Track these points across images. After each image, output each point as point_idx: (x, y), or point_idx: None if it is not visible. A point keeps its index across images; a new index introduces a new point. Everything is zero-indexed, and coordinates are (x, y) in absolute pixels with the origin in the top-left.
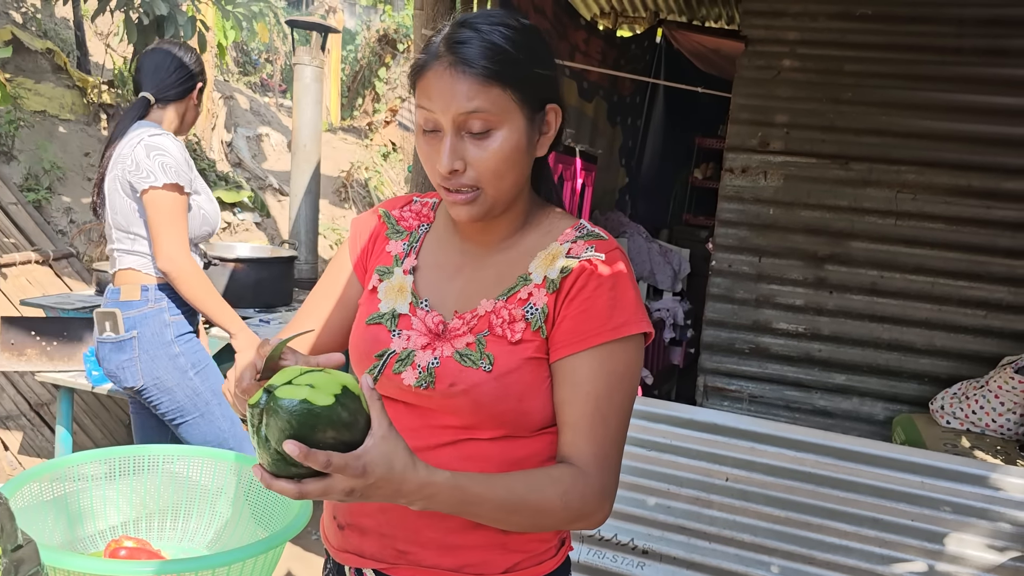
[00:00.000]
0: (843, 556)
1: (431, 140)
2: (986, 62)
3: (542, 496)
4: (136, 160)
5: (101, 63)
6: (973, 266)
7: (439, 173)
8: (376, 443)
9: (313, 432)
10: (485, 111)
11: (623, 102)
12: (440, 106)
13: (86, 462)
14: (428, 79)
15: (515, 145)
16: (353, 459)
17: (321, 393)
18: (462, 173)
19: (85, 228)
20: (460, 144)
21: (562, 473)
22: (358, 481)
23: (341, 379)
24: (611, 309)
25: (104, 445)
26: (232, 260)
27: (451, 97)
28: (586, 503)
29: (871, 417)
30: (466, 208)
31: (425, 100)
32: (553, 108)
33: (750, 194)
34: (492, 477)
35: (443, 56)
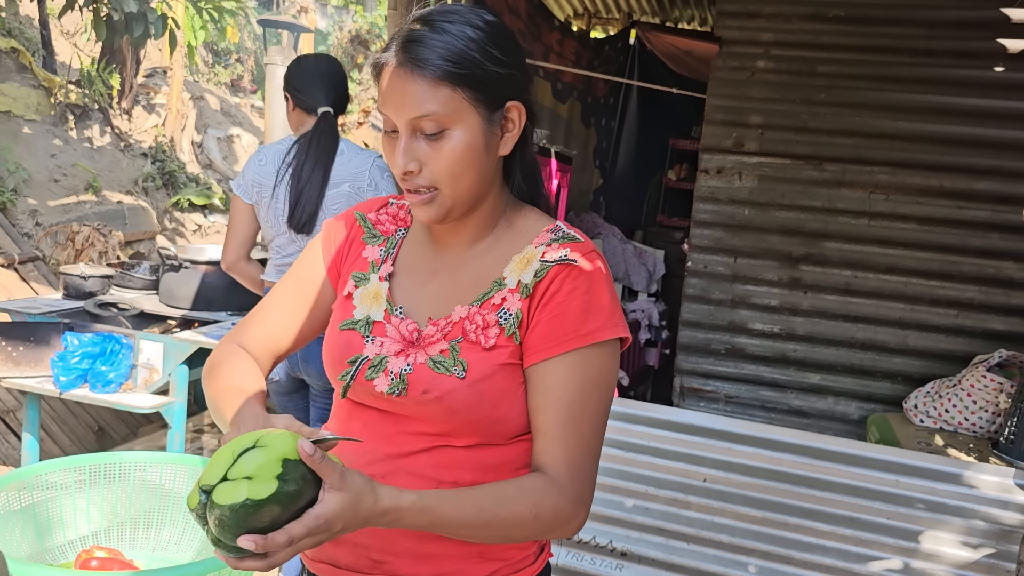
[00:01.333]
0: (820, 555)
1: (391, 140)
2: (957, 64)
3: (512, 510)
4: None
5: (68, 63)
6: (945, 266)
7: (396, 175)
8: (332, 496)
9: (264, 519)
10: (435, 113)
11: (597, 103)
12: (393, 110)
13: (55, 470)
14: (383, 80)
15: (469, 145)
16: (313, 520)
17: (261, 483)
18: (417, 174)
19: (51, 231)
20: (414, 145)
21: (533, 484)
22: (325, 535)
23: (280, 452)
24: (585, 313)
25: (73, 452)
26: (204, 262)
27: (401, 100)
28: (559, 513)
29: (846, 416)
30: (425, 208)
31: (381, 102)
32: (515, 106)
33: (725, 195)
34: (461, 494)
35: (396, 56)
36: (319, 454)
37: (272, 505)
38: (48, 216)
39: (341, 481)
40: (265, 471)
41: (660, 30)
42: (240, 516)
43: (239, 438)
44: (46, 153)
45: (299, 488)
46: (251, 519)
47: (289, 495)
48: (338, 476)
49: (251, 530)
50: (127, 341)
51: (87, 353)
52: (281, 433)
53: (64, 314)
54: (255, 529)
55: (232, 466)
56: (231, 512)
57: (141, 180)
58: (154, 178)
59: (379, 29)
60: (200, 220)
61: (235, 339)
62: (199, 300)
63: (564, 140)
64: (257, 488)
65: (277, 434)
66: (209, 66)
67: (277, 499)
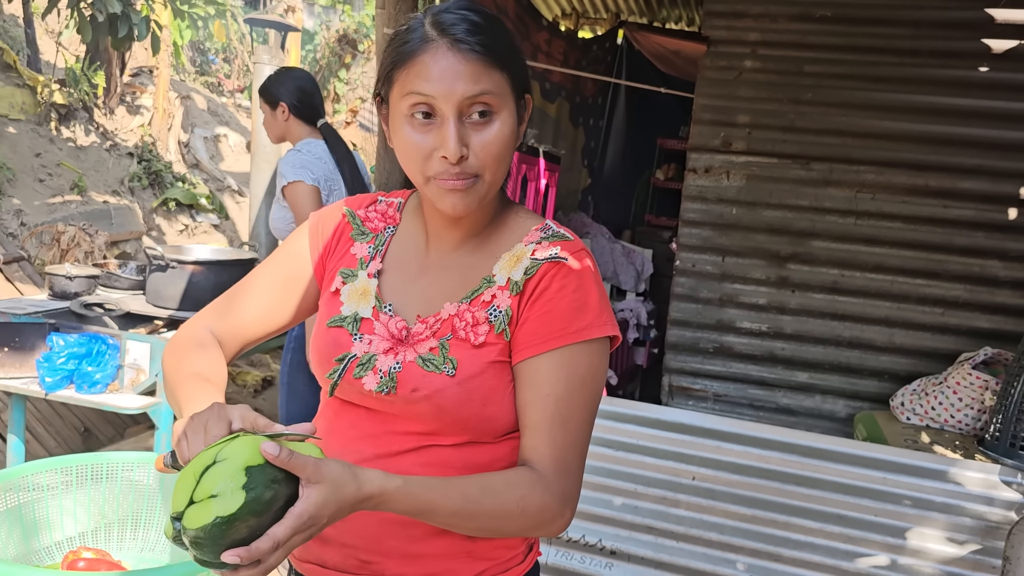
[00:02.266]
0: (809, 553)
1: (424, 128)
2: (942, 64)
3: (498, 501)
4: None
5: (52, 61)
6: (931, 264)
7: (443, 162)
8: (311, 490)
9: (242, 531)
10: (489, 93)
11: (585, 103)
12: (442, 89)
13: (41, 471)
14: (423, 63)
15: (512, 131)
16: (296, 519)
17: (227, 498)
18: (466, 160)
19: (37, 231)
20: (463, 130)
21: (520, 478)
22: (313, 529)
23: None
24: (574, 311)
25: (58, 453)
26: (191, 262)
27: (455, 79)
28: (545, 508)
29: (833, 414)
30: (462, 197)
31: (421, 84)
32: (529, 98)
33: (713, 194)
34: (448, 482)
35: (438, 39)
36: (285, 452)
37: (246, 516)
38: (33, 216)
39: (317, 473)
40: (230, 485)
41: (648, 30)
42: (215, 535)
43: (199, 456)
44: (31, 152)
45: (273, 492)
46: (228, 535)
47: (261, 502)
48: (312, 468)
49: (231, 545)
50: (113, 342)
51: (73, 354)
52: (240, 441)
53: (50, 315)
54: (235, 542)
55: (196, 487)
56: (205, 534)
57: (127, 180)
58: (140, 178)
59: (367, 28)
60: (187, 220)
61: (206, 321)
62: (186, 300)
63: (552, 140)
64: (225, 504)
65: (236, 443)
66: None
67: (249, 509)
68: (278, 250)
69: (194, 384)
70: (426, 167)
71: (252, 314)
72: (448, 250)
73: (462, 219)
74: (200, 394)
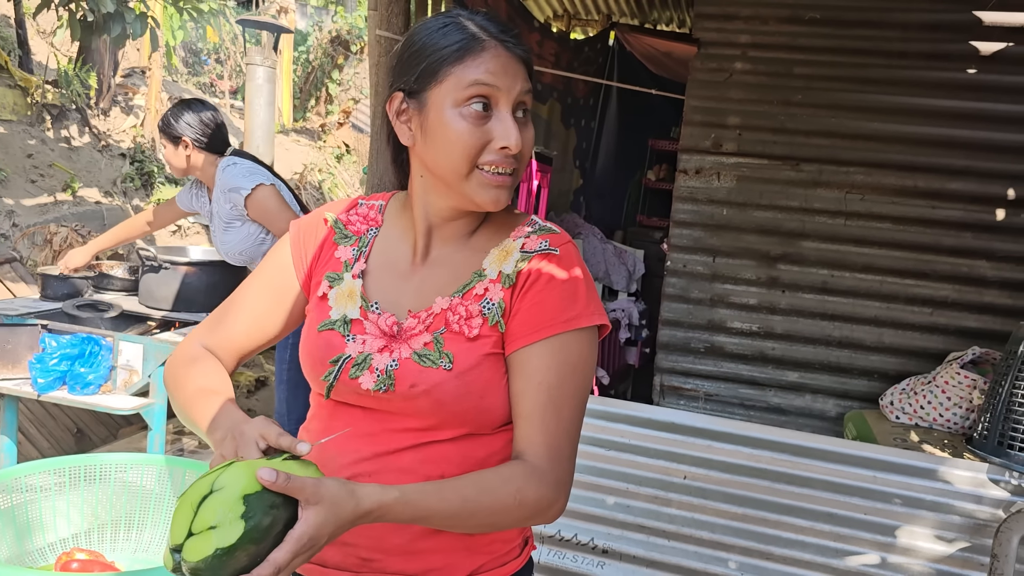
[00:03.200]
0: (799, 551)
1: (480, 119)
2: (930, 66)
3: (495, 498)
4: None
5: (44, 62)
6: (919, 265)
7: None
8: (309, 512)
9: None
10: (531, 94)
11: (577, 104)
12: (505, 83)
13: (34, 472)
14: (485, 57)
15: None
16: (295, 543)
17: (226, 529)
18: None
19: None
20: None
21: (514, 472)
22: (313, 550)
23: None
24: (564, 301)
25: (51, 455)
26: (184, 263)
27: (516, 75)
28: (541, 498)
29: (823, 414)
30: (506, 191)
31: (485, 75)
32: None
33: (704, 195)
34: (444, 486)
35: (492, 39)
36: (282, 477)
37: (245, 545)
38: (25, 217)
39: (316, 494)
40: (228, 515)
41: (639, 31)
42: (216, 566)
43: (195, 485)
44: (23, 153)
45: (272, 517)
46: (229, 565)
47: (260, 529)
48: (311, 490)
49: (233, 573)
50: (106, 342)
51: (65, 355)
52: (236, 468)
53: (42, 315)
54: (237, 571)
55: (194, 518)
56: (205, 565)
57: (119, 181)
58: (132, 179)
59: (359, 30)
60: (180, 220)
61: (200, 339)
62: (179, 301)
63: (544, 141)
64: (224, 535)
65: (232, 471)
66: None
67: (248, 538)
68: (263, 262)
69: (202, 400)
70: (477, 157)
71: (242, 327)
72: (437, 247)
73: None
74: (211, 408)
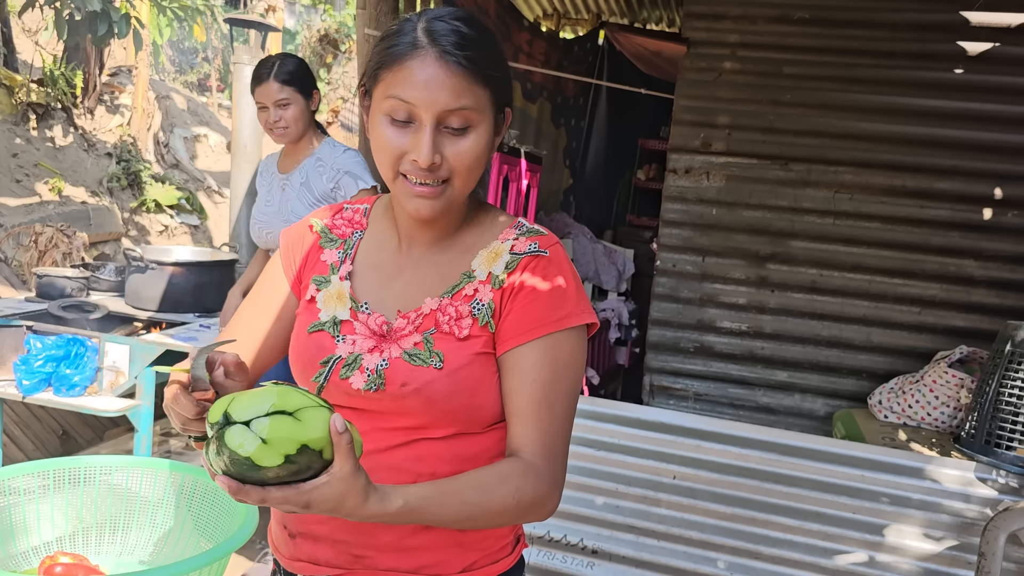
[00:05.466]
0: (788, 550)
1: (399, 130)
2: (918, 66)
3: (494, 498)
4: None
5: (30, 61)
6: (908, 264)
7: (414, 164)
8: (330, 482)
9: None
10: (469, 108)
11: (567, 103)
12: (424, 98)
13: (18, 475)
14: (409, 68)
15: (487, 144)
16: (296, 494)
17: (270, 451)
18: (439, 167)
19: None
20: (439, 138)
21: (512, 469)
22: (301, 510)
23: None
24: (555, 302)
25: (37, 457)
26: (170, 264)
27: (439, 90)
28: (538, 495)
29: (812, 413)
30: (430, 203)
31: (405, 90)
32: (508, 111)
33: (693, 194)
34: (444, 490)
35: (427, 47)
36: (348, 438)
37: (267, 472)
38: (10, 217)
39: (350, 476)
40: (282, 445)
41: (629, 31)
42: (235, 463)
43: (291, 391)
44: (8, 152)
45: (300, 469)
46: (243, 471)
47: (289, 472)
48: (350, 470)
49: (238, 478)
50: (92, 343)
51: (51, 356)
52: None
53: (27, 316)
54: (239, 478)
55: (260, 418)
56: (228, 457)
57: (106, 180)
58: (119, 178)
59: (348, 28)
60: (167, 221)
61: None
62: (166, 301)
63: (534, 140)
64: (264, 454)
65: (317, 414)
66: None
67: (274, 473)
68: (259, 281)
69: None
70: (394, 165)
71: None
72: (422, 248)
73: (431, 221)
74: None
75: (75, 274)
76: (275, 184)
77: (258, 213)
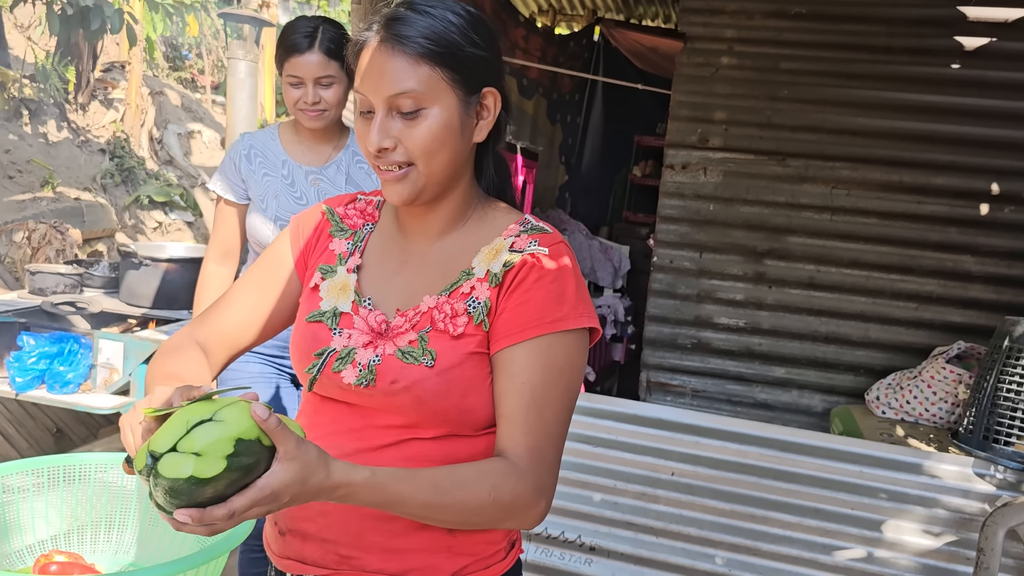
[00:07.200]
0: (787, 547)
1: (367, 121)
2: (915, 61)
3: (469, 492)
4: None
5: (22, 56)
6: (905, 260)
7: (370, 152)
8: (282, 467)
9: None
10: (413, 91)
11: (563, 100)
12: (371, 88)
13: (11, 473)
14: (363, 60)
15: (445, 124)
16: (258, 492)
17: (209, 460)
18: (392, 151)
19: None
20: (390, 123)
21: (492, 467)
22: (272, 505)
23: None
24: (551, 302)
25: (30, 455)
26: (164, 260)
27: (380, 78)
28: (518, 498)
29: (810, 409)
30: (397, 187)
31: (359, 81)
32: (491, 92)
33: (690, 190)
34: (417, 473)
35: (374, 34)
36: (274, 419)
37: (218, 482)
38: (2, 213)
39: (296, 450)
40: (216, 449)
41: (625, 27)
42: (182, 491)
43: (196, 406)
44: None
45: (250, 463)
46: (193, 494)
47: (239, 471)
48: (293, 445)
49: (193, 504)
50: (86, 341)
51: (44, 353)
52: (240, 407)
53: (20, 313)
54: (198, 503)
55: (183, 437)
56: (174, 486)
57: (99, 176)
58: (113, 174)
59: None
60: (160, 217)
61: (192, 332)
62: (160, 298)
63: (530, 136)
64: (204, 466)
65: (236, 408)
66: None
67: (223, 479)
68: (261, 256)
69: (160, 383)
70: (368, 155)
71: (236, 319)
72: (427, 244)
73: (426, 212)
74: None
75: (68, 271)
76: (299, 177)
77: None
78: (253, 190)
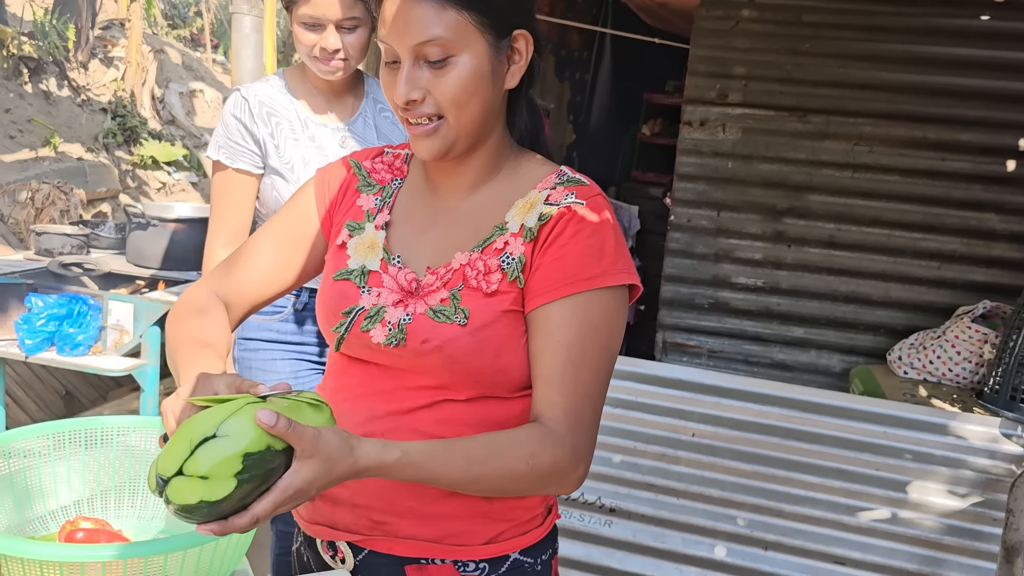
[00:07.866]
0: (810, 508)
1: (392, 72)
2: (942, 13)
3: (505, 461)
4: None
5: (19, 14)
6: (928, 218)
7: (398, 105)
8: (302, 465)
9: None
10: (441, 38)
11: (571, 57)
12: (396, 37)
13: (31, 437)
14: (385, 8)
15: (475, 71)
16: (280, 493)
17: (217, 482)
18: (421, 103)
19: (9, 189)
20: (418, 73)
21: (528, 434)
22: (296, 502)
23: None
24: (589, 258)
25: (40, 418)
26: (172, 220)
27: (405, 26)
28: (556, 464)
29: (828, 369)
30: (427, 141)
31: (383, 31)
32: (523, 35)
33: (708, 147)
34: (451, 446)
35: None
36: (282, 423)
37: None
38: (4, 174)
39: (313, 446)
40: (222, 470)
41: None
42: (197, 512)
43: (198, 421)
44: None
45: (264, 472)
46: (209, 513)
47: (252, 483)
48: (309, 441)
49: (211, 519)
50: (94, 302)
51: (53, 315)
52: (245, 416)
53: (26, 275)
54: (217, 518)
55: (188, 459)
56: (187, 511)
57: (101, 136)
58: (115, 134)
59: None
60: (164, 177)
61: (213, 284)
62: (169, 259)
63: (539, 94)
64: (212, 489)
65: (241, 418)
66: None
67: (237, 493)
68: (283, 208)
69: (191, 350)
70: (396, 109)
71: (258, 273)
72: (458, 199)
73: (456, 165)
74: (198, 360)
75: (74, 231)
76: (323, 137)
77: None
78: (274, 157)
